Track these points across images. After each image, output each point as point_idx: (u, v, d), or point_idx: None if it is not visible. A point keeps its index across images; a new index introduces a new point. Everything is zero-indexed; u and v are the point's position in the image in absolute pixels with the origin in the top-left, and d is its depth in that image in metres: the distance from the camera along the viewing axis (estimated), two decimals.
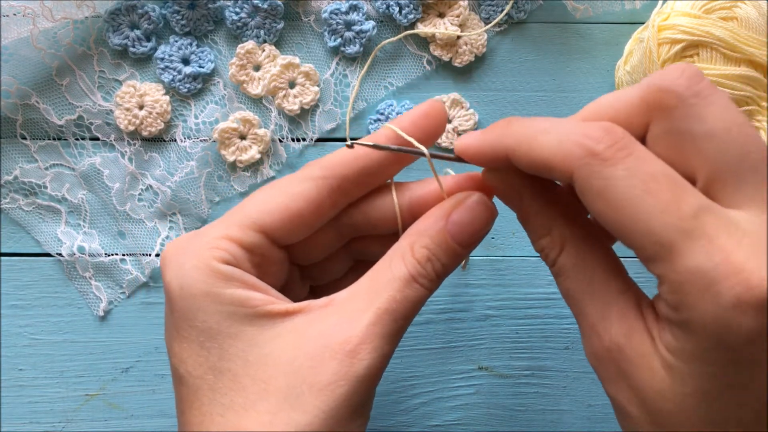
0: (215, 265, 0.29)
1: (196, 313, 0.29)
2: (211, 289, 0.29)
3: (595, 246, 0.29)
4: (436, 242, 0.30)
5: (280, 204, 0.31)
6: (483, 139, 0.29)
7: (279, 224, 0.31)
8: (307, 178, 0.31)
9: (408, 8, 0.45)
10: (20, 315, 0.45)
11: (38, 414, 0.45)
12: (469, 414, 0.46)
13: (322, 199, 0.31)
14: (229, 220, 0.31)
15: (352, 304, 0.29)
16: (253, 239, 0.30)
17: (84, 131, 0.45)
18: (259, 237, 0.31)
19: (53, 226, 0.45)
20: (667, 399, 0.25)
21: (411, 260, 0.30)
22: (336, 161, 0.31)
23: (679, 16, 0.40)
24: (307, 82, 0.45)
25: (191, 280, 0.29)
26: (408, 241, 0.30)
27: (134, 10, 0.44)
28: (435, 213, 0.31)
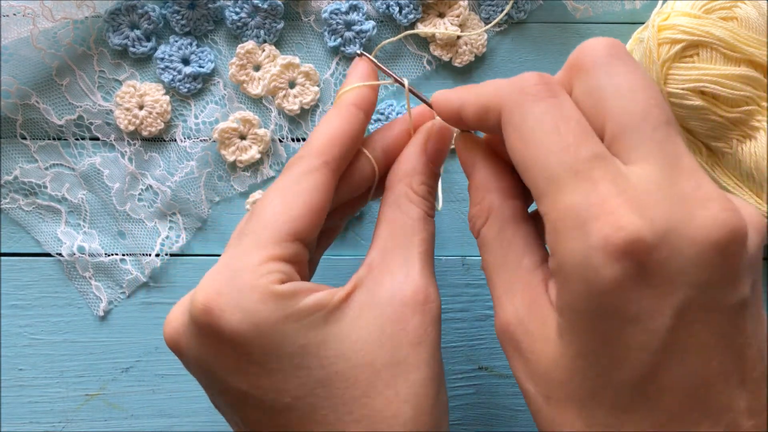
0: (277, 289, 0.28)
1: (282, 342, 0.28)
2: (286, 311, 0.28)
3: (520, 224, 0.29)
4: (426, 174, 0.33)
5: (302, 205, 0.30)
6: (449, 93, 0.32)
7: (309, 226, 0.30)
8: (312, 170, 0.31)
9: (408, 8, 0.45)
10: (20, 315, 0.45)
11: (38, 414, 0.45)
12: (469, 414, 0.46)
13: (331, 186, 0.32)
14: (259, 240, 0.29)
15: (394, 260, 0.31)
16: (293, 250, 0.30)
17: (84, 131, 0.45)
18: (297, 246, 0.30)
19: (53, 226, 0.45)
20: (559, 367, 0.25)
21: (417, 198, 0.32)
22: (326, 142, 0.32)
23: (679, 16, 0.40)
24: (307, 82, 0.45)
25: (264, 314, 0.28)
26: (405, 183, 0.33)
27: (134, 10, 0.44)
28: (414, 150, 0.34)
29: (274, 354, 0.28)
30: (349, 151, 0.33)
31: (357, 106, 0.34)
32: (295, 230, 0.30)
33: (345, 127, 0.33)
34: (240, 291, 0.28)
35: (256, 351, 0.28)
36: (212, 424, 0.45)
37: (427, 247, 0.31)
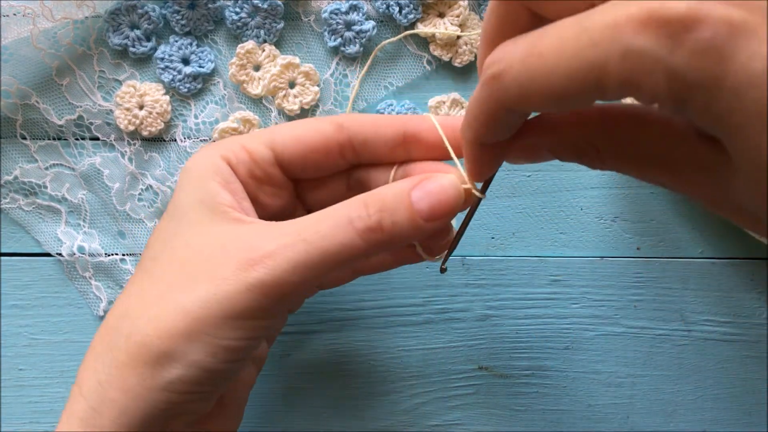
0: (214, 159, 0.33)
1: (180, 195, 0.33)
2: (199, 177, 0.32)
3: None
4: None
5: (296, 131, 0.34)
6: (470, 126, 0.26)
7: (290, 148, 0.33)
8: (328, 120, 0.34)
9: (408, 8, 0.45)
10: (20, 315, 0.45)
11: (38, 414, 0.45)
12: (469, 414, 0.46)
13: (333, 141, 0.33)
14: (253, 134, 0.35)
15: (284, 227, 0.30)
16: (261, 152, 0.33)
17: (84, 131, 0.45)
18: (267, 152, 0.33)
19: (53, 226, 0.45)
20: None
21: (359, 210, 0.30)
22: (354, 117, 0.34)
23: None
24: (307, 82, 0.45)
25: (193, 168, 0.33)
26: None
27: (134, 10, 0.44)
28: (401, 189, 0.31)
29: (173, 198, 0.34)
30: (368, 139, 0.34)
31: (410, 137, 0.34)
32: (273, 140, 0.34)
33: (387, 130, 0.33)
34: (210, 147, 0.34)
35: (177, 186, 0.34)
36: None
37: (317, 242, 0.30)
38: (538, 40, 0.22)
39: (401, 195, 0.30)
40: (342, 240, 0.29)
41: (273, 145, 0.34)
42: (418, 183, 0.30)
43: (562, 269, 0.46)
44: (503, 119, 0.24)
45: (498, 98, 0.23)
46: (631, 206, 0.46)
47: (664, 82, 0.19)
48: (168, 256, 0.31)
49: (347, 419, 0.46)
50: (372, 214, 0.29)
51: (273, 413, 0.43)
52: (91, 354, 0.31)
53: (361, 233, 0.29)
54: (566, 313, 0.46)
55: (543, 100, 0.22)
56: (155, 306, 0.30)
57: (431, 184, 0.30)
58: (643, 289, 0.46)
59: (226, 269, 0.29)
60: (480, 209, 0.46)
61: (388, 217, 0.29)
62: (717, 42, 0.18)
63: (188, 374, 0.29)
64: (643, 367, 0.46)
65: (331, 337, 0.46)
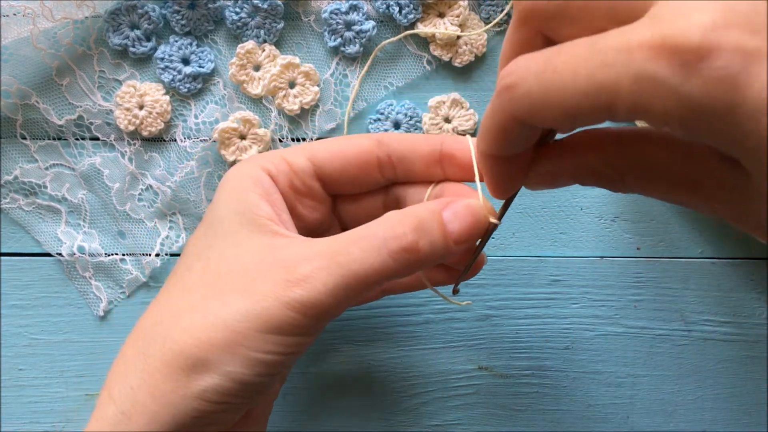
0: (256, 170, 0.33)
1: (219, 206, 0.33)
2: (239, 188, 0.33)
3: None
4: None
5: (337, 145, 0.34)
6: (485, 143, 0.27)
7: (329, 161, 0.34)
8: (368, 137, 0.34)
9: (408, 8, 0.45)
10: (20, 315, 0.45)
11: (38, 414, 0.45)
12: (469, 414, 0.46)
13: (372, 157, 0.34)
14: (294, 148, 0.35)
15: (321, 247, 0.30)
16: (301, 164, 0.34)
17: (84, 131, 0.45)
18: (307, 164, 0.34)
19: (53, 226, 0.45)
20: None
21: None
22: (393, 135, 0.35)
23: None
24: (307, 82, 0.45)
25: (233, 178, 0.33)
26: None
27: (134, 10, 0.44)
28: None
29: (212, 207, 0.34)
30: (409, 162, 0.34)
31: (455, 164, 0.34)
32: (314, 152, 0.34)
33: (424, 147, 0.34)
34: (255, 158, 0.35)
35: (216, 197, 0.34)
36: None
37: (356, 269, 0.30)
38: (554, 56, 0.22)
39: (435, 215, 0.30)
40: (373, 263, 0.29)
41: (313, 157, 0.34)
42: (447, 204, 0.31)
43: (562, 269, 0.46)
44: (514, 132, 0.24)
45: (509, 109, 0.23)
46: (631, 206, 0.46)
47: (675, 108, 0.19)
48: (203, 267, 0.32)
49: (347, 419, 0.46)
50: (408, 233, 0.29)
51: (272, 413, 0.43)
52: (121, 359, 0.31)
53: (395, 254, 0.29)
54: (566, 313, 0.46)
55: (553, 115, 0.22)
56: (190, 315, 0.30)
57: (459, 206, 0.31)
58: (643, 289, 0.46)
59: (264, 285, 0.29)
60: None
61: (424, 239, 0.29)
62: (731, 71, 0.19)
63: (223, 384, 0.29)
64: (643, 367, 0.46)
65: (331, 338, 0.46)
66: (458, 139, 0.34)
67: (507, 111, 0.24)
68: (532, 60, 0.22)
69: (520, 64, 0.23)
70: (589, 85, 0.20)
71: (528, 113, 0.23)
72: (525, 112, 0.23)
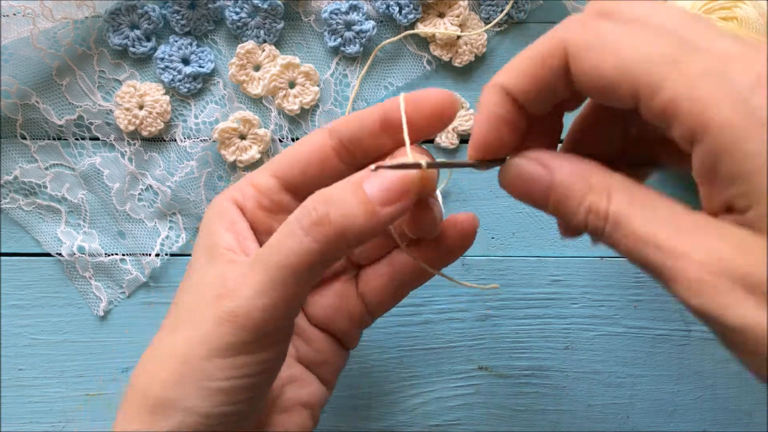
0: (224, 201, 0.33)
1: (196, 241, 0.33)
2: (208, 223, 0.32)
3: (635, 183, 0.25)
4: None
5: (293, 152, 0.33)
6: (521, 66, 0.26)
7: (290, 169, 0.33)
8: (319, 130, 0.33)
9: (408, 8, 0.45)
10: (20, 315, 0.45)
11: (38, 414, 0.45)
12: (469, 414, 0.46)
13: (326, 149, 0.32)
14: (259, 169, 0.34)
15: (252, 255, 0.30)
16: (266, 182, 0.33)
17: (84, 131, 0.45)
18: (273, 181, 0.33)
19: (53, 226, 0.45)
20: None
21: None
22: (340, 119, 0.33)
23: None
24: (307, 82, 0.45)
25: (206, 215, 0.33)
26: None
27: (134, 10, 0.44)
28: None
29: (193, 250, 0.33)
30: (355, 137, 0.32)
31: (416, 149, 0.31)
32: (275, 166, 0.33)
33: (366, 122, 0.32)
34: (218, 196, 0.34)
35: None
36: None
37: (278, 260, 0.28)
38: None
39: (348, 184, 0.28)
40: (291, 246, 0.28)
41: (275, 172, 0.33)
42: (368, 173, 0.29)
43: (562, 269, 0.46)
44: (553, 81, 0.25)
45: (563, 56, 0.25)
46: None
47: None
48: (174, 306, 0.32)
49: (347, 419, 0.46)
50: (317, 206, 0.28)
51: None
52: (120, 405, 0.32)
53: (308, 231, 0.27)
54: (566, 313, 0.46)
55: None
56: (150, 355, 0.30)
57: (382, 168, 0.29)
58: (643, 289, 0.46)
59: (203, 308, 0.29)
60: (480, 209, 0.46)
61: (335, 209, 0.28)
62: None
63: (186, 421, 0.28)
64: (643, 367, 0.46)
65: None
66: (393, 101, 0.31)
67: (559, 55, 0.25)
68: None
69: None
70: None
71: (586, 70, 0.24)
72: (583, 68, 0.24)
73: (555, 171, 0.26)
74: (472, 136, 0.28)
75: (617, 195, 0.25)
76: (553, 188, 0.26)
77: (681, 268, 0.22)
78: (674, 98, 0.22)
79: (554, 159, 0.26)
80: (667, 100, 0.22)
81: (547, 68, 0.25)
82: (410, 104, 0.30)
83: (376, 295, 0.37)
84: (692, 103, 0.22)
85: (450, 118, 0.31)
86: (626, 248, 0.24)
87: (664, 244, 0.23)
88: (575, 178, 0.26)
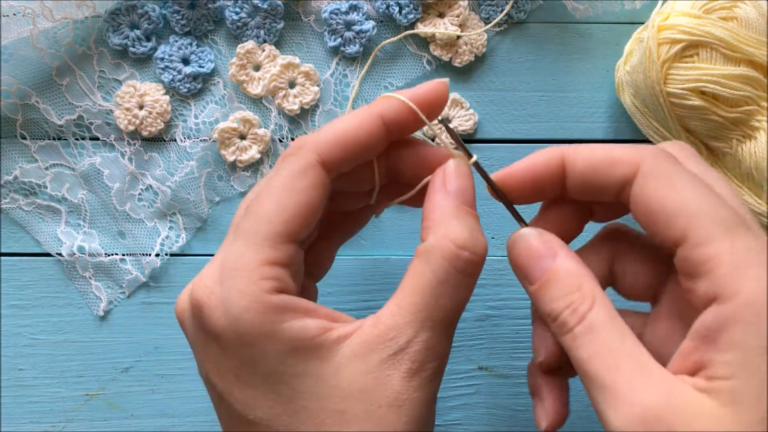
0: (267, 299, 0.27)
1: (259, 359, 0.28)
2: (269, 328, 0.27)
3: (617, 314, 0.28)
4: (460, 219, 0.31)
5: (296, 206, 0.29)
6: (533, 157, 0.31)
7: (302, 226, 0.29)
8: (306, 168, 0.30)
9: (408, 8, 0.45)
10: (20, 315, 0.45)
11: (38, 414, 0.45)
12: (469, 414, 0.46)
13: (325, 185, 0.30)
14: (255, 238, 0.28)
15: (405, 311, 0.28)
16: (287, 252, 0.29)
17: (84, 131, 0.45)
18: (293, 248, 0.29)
19: (53, 226, 0.45)
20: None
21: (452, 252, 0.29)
22: (330, 141, 0.30)
23: (679, 16, 0.40)
24: (307, 82, 0.45)
25: (247, 324, 0.27)
26: (440, 234, 0.29)
27: (134, 10, 0.44)
28: (439, 196, 0.31)
29: (250, 368, 0.28)
30: (353, 158, 0.30)
31: (383, 119, 0.31)
32: (289, 231, 0.29)
33: (358, 133, 0.30)
34: (230, 294, 0.28)
35: (235, 359, 0.28)
36: (212, 424, 0.45)
37: (447, 314, 0.29)
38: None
39: (463, 210, 0.30)
40: (464, 296, 0.30)
41: (290, 235, 0.29)
42: (456, 191, 0.31)
43: None
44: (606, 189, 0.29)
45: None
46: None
47: None
48: (316, 418, 0.28)
49: None
50: (470, 247, 0.29)
51: None
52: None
53: (471, 273, 0.30)
54: None
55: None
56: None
57: (460, 181, 0.31)
58: None
59: (394, 390, 0.28)
60: (480, 209, 0.46)
61: (480, 242, 0.30)
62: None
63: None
64: None
65: None
66: (388, 102, 0.31)
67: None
68: None
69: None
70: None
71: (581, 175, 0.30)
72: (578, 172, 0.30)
73: (558, 259, 0.29)
74: (516, 164, 0.31)
75: (600, 306, 0.27)
76: (550, 270, 0.29)
77: (625, 402, 0.25)
78: (718, 259, 0.25)
79: (562, 249, 0.30)
80: (712, 255, 0.25)
81: (609, 174, 0.29)
82: (415, 99, 0.31)
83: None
84: (734, 271, 0.24)
85: (443, 104, 0.32)
86: (584, 354, 0.27)
87: (623, 372, 0.26)
88: (572, 274, 0.29)
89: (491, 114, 0.46)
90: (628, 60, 0.44)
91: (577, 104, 0.46)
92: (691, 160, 0.29)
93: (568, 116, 0.46)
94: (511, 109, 0.46)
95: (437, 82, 0.32)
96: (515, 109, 0.46)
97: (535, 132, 0.46)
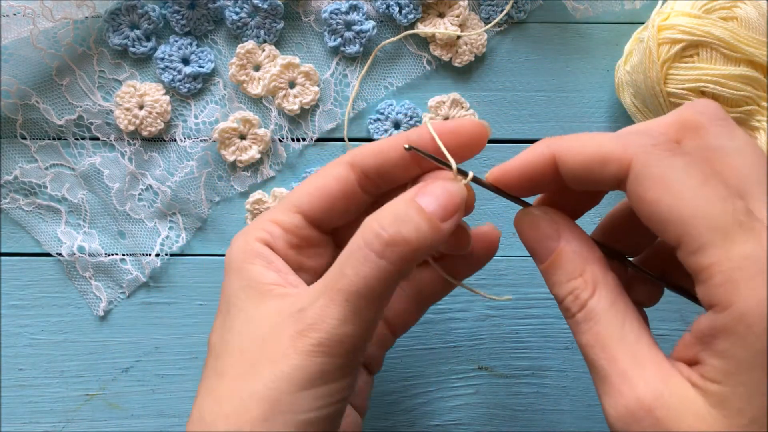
0: (252, 243, 0.32)
1: (226, 288, 0.32)
2: (240, 265, 0.32)
3: (627, 296, 0.28)
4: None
5: (316, 186, 0.33)
6: (523, 156, 0.30)
7: (315, 205, 0.33)
8: (339, 163, 0.33)
9: (408, 8, 0.45)
10: (20, 315, 0.45)
11: (38, 414, 0.45)
12: (469, 414, 0.46)
13: (351, 182, 0.33)
14: (279, 205, 0.34)
15: (318, 286, 0.30)
16: (292, 220, 0.33)
17: (84, 131, 0.45)
18: (299, 218, 0.33)
19: (53, 226, 0.45)
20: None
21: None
22: (360, 151, 0.33)
23: (679, 16, 0.40)
24: (307, 82, 0.45)
25: (234, 257, 0.32)
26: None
27: (134, 10, 0.44)
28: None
29: (223, 297, 0.33)
30: (379, 168, 0.32)
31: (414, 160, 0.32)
32: (300, 203, 0.33)
33: (382, 147, 0.32)
34: (241, 235, 0.34)
35: (222, 285, 0.33)
36: None
37: (348, 284, 0.29)
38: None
39: (410, 202, 0.29)
40: (368, 271, 0.28)
41: (299, 208, 0.33)
42: (419, 190, 0.30)
43: None
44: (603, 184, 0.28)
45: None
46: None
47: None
48: (228, 350, 0.31)
49: None
50: (386, 226, 0.28)
51: None
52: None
53: (382, 253, 0.28)
54: None
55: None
56: (228, 403, 0.29)
57: (431, 186, 0.30)
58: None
59: (282, 346, 0.29)
60: (480, 209, 0.46)
61: (406, 228, 0.28)
62: None
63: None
64: None
65: None
66: (419, 131, 0.32)
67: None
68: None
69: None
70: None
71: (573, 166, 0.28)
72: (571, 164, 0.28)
73: (563, 241, 0.29)
74: (508, 164, 0.30)
75: (601, 292, 0.28)
76: (555, 253, 0.29)
77: (618, 392, 0.26)
78: (712, 269, 0.24)
79: (567, 230, 0.29)
80: (706, 265, 0.24)
81: (601, 172, 0.28)
82: (445, 134, 0.32)
83: (400, 315, 0.37)
84: (727, 282, 0.24)
85: (480, 147, 0.32)
86: (585, 341, 0.28)
87: (618, 362, 0.26)
88: (575, 257, 0.29)
89: (491, 114, 0.46)
90: (628, 60, 0.44)
91: (577, 104, 0.46)
92: (714, 125, 0.27)
93: (568, 116, 0.46)
94: (511, 109, 0.46)
95: (476, 124, 0.32)
96: (515, 109, 0.46)
97: (535, 132, 0.46)
